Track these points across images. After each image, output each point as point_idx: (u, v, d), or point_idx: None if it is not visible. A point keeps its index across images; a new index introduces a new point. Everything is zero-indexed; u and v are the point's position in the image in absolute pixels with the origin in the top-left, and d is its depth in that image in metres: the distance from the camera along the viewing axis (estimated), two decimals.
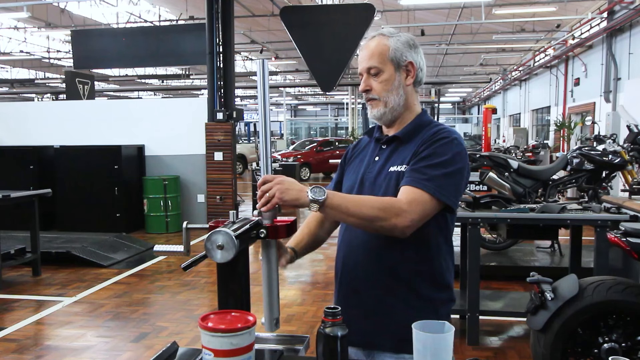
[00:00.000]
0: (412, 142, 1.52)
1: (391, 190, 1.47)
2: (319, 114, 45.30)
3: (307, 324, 4.22)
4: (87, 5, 14.10)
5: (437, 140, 1.47)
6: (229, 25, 8.27)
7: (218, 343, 1.13)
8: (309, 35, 8.14)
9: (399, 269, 1.49)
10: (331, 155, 17.06)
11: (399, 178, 1.47)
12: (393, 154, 1.55)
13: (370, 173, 1.55)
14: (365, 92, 1.57)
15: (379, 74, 1.53)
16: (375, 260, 1.50)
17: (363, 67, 1.56)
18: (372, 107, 1.57)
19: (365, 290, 1.52)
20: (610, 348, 2.60)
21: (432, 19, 15.81)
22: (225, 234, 1.18)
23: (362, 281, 1.53)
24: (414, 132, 1.54)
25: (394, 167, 1.51)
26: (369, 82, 1.55)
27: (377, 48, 1.54)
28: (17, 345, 3.82)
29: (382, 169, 1.53)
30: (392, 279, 1.49)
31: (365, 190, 1.54)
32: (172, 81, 25.74)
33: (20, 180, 7.88)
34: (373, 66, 1.53)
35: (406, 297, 1.49)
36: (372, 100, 1.56)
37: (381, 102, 1.55)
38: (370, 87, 1.55)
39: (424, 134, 1.52)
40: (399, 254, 1.48)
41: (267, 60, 1.40)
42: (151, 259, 6.37)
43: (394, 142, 1.56)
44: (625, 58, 12.83)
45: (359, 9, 8.20)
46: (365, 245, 1.51)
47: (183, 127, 8.46)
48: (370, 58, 1.54)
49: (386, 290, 1.49)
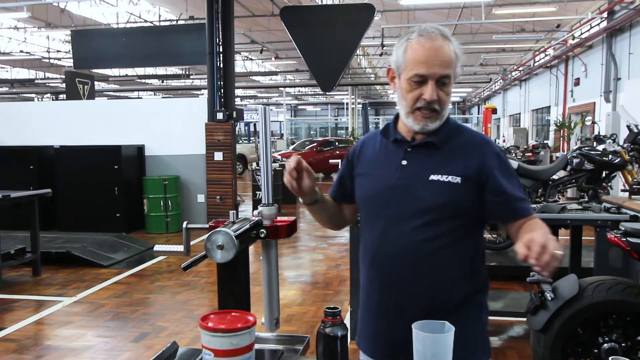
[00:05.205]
0: (446, 148, 1.45)
1: (437, 201, 1.40)
2: (319, 114, 45.28)
3: (307, 324, 4.22)
4: (87, 5, 14.08)
5: (498, 157, 1.45)
6: (229, 25, 8.27)
7: (218, 343, 1.13)
8: (309, 35, 8.14)
9: (451, 277, 1.44)
10: (331, 155, 17.03)
11: (448, 189, 1.40)
12: (428, 159, 1.44)
13: (402, 179, 1.44)
14: (431, 102, 1.40)
15: (447, 85, 1.41)
16: (427, 271, 1.42)
17: (434, 72, 1.38)
18: (431, 120, 1.42)
19: (414, 304, 1.43)
20: (610, 348, 2.60)
21: (432, 19, 15.80)
22: (225, 234, 1.18)
23: (405, 294, 1.44)
24: (447, 137, 1.46)
25: (436, 176, 1.41)
26: (437, 92, 1.40)
27: (450, 54, 1.40)
28: (17, 345, 3.82)
29: (417, 177, 1.43)
30: (443, 289, 1.44)
31: (398, 197, 1.44)
32: (172, 81, 25.72)
33: (20, 180, 7.87)
34: (448, 75, 1.40)
35: (457, 308, 1.44)
36: (433, 112, 1.42)
37: (440, 116, 1.43)
38: (437, 98, 1.40)
39: (463, 142, 1.46)
40: (453, 263, 1.44)
41: (267, 108, 1.35)
42: (151, 259, 6.37)
43: (426, 147, 1.46)
44: (625, 58, 12.82)
45: (359, 9, 8.21)
46: (414, 254, 1.42)
47: (183, 127, 8.46)
48: (448, 65, 1.39)
49: (439, 303, 1.43)
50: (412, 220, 1.41)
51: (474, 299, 1.49)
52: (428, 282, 1.42)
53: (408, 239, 1.41)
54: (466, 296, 1.46)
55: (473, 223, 1.46)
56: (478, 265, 1.49)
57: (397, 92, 1.47)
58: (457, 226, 1.42)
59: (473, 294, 1.48)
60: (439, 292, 1.43)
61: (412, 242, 1.41)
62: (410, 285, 1.43)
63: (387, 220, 1.45)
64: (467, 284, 1.46)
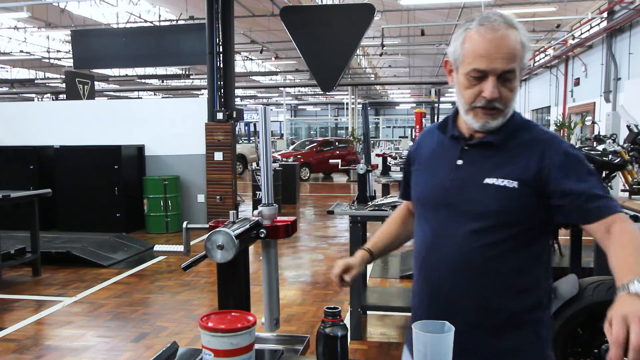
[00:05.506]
0: (506, 148, 1.32)
1: (491, 207, 1.28)
2: (319, 114, 45.29)
3: (307, 324, 4.22)
4: (87, 5, 14.09)
5: (565, 154, 1.28)
6: (229, 25, 8.27)
7: (218, 343, 1.13)
8: (309, 35, 8.14)
9: (504, 289, 1.32)
10: (331, 155, 17.05)
11: (503, 194, 1.28)
12: (484, 160, 1.33)
13: (456, 180, 1.34)
14: (492, 100, 1.27)
15: (512, 80, 1.27)
16: (476, 280, 1.32)
17: (495, 68, 1.25)
18: (492, 118, 1.29)
19: (459, 312, 1.34)
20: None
21: (432, 19, 15.81)
22: (225, 234, 1.18)
23: (453, 302, 1.35)
24: (509, 136, 1.33)
25: (491, 180, 1.29)
26: (499, 88, 1.26)
27: (514, 46, 1.25)
28: (17, 345, 3.82)
29: (472, 179, 1.32)
30: (493, 301, 1.32)
31: (451, 200, 1.34)
32: (172, 81, 25.74)
33: (20, 180, 7.87)
34: (511, 70, 1.26)
35: (506, 323, 1.32)
36: (494, 110, 1.29)
37: (503, 113, 1.30)
38: (499, 95, 1.27)
39: (527, 141, 1.32)
40: (508, 274, 1.31)
41: (267, 108, 1.36)
42: (151, 259, 6.36)
43: (484, 146, 1.34)
44: (625, 58, 12.83)
45: (359, 9, 8.21)
46: (464, 262, 1.31)
47: (183, 127, 8.46)
48: (512, 59, 1.25)
49: (484, 313, 1.33)
50: (465, 225, 1.32)
51: (531, 314, 1.33)
52: (476, 293, 1.32)
53: (459, 245, 1.32)
54: (521, 311, 1.32)
55: (535, 230, 1.32)
56: (539, 276, 1.34)
57: (454, 86, 1.36)
58: (514, 234, 1.29)
59: (530, 308, 1.33)
60: (487, 304, 1.32)
61: (462, 248, 1.31)
62: (456, 292, 1.34)
63: (439, 223, 1.37)
64: (523, 297, 1.32)
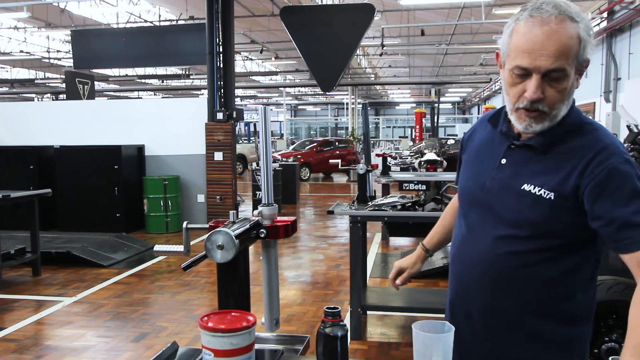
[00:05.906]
0: (551, 153, 1.20)
1: (525, 216, 1.19)
2: (319, 114, 45.29)
3: (307, 324, 4.22)
4: (87, 5, 14.09)
5: (610, 169, 1.12)
6: (229, 25, 8.27)
7: (218, 343, 1.13)
8: (309, 35, 8.13)
9: (531, 301, 1.24)
10: (331, 155, 17.05)
11: (538, 204, 1.17)
12: (526, 164, 1.23)
13: (495, 181, 1.26)
14: (533, 101, 1.14)
15: (561, 80, 1.12)
16: (502, 289, 1.24)
17: (538, 65, 1.11)
18: (535, 121, 1.17)
19: (480, 321, 1.28)
20: (611, 348, 2.60)
21: (432, 19, 15.82)
22: (225, 234, 1.18)
23: (476, 309, 1.29)
24: (555, 140, 1.20)
25: (528, 186, 1.19)
26: (543, 88, 1.13)
27: (567, 41, 1.10)
28: (17, 345, 3.82)
29: (510, 183, 1.23)
30: (518, 313, 1.25)
31: (488, 200, 1.27)
32: (172, 81, 25.73)
33: (20, 180, 7.88)
34: (560, 69, 1.11)
35: (526, 334, 1.25)
36: (537, 112, 1.16)
37: (548, 117, 1.16)
38: (543, 96, 1.14)
39: (575, 147, 1.17)
40: (538, 286, 1.22)
41: (267, 108, 1.35)
42: (151, 259, 6.37)
43: (527, 149, 1.23)
44: (625, 58, 12.83)
45: (359, 9, 8.20)
46: (492, 266, 1.25)
47: (183, 127, 8.46)
48: (561, 56, 1.09)
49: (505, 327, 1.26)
50: (495, 229, 1.25)
51: (563, 331, 1.24)
52: (498, 300, 1.25)
53: (486, 248, 1.26)
54: (552, 327, 1.23)
55: (574, 243, 1.21)
56: (574, 289, 1.24)
57: (502, 82, 1.25)
58: (548, 246, 1.20)
59: (563, 324, 1.24)
60: (511, 315, 1.24)
61: (489, 252, 1.25)
62: (478, 294, 1.28)
63: (474, 221, 1.31)
64: (555, 312, 1.23)
